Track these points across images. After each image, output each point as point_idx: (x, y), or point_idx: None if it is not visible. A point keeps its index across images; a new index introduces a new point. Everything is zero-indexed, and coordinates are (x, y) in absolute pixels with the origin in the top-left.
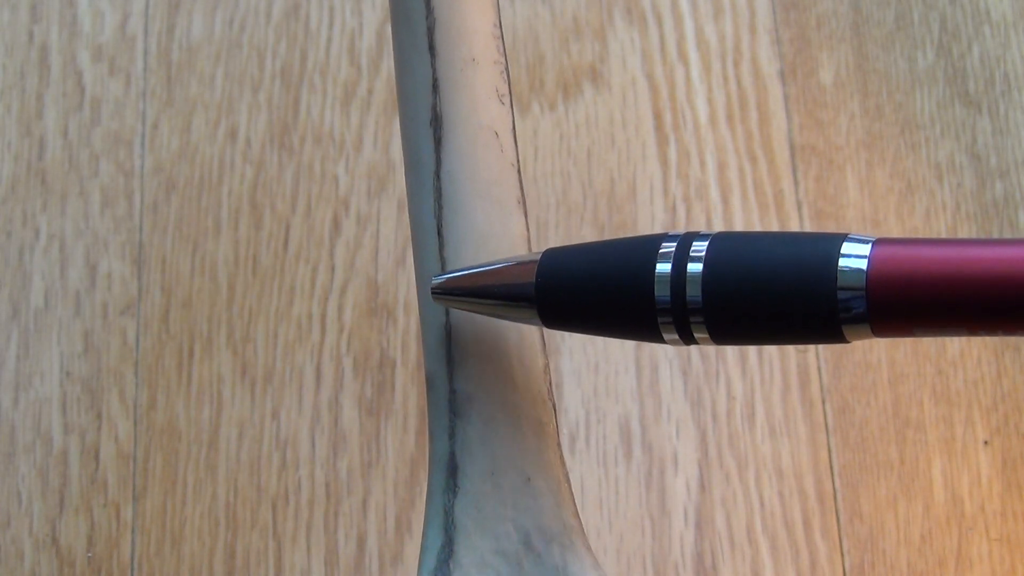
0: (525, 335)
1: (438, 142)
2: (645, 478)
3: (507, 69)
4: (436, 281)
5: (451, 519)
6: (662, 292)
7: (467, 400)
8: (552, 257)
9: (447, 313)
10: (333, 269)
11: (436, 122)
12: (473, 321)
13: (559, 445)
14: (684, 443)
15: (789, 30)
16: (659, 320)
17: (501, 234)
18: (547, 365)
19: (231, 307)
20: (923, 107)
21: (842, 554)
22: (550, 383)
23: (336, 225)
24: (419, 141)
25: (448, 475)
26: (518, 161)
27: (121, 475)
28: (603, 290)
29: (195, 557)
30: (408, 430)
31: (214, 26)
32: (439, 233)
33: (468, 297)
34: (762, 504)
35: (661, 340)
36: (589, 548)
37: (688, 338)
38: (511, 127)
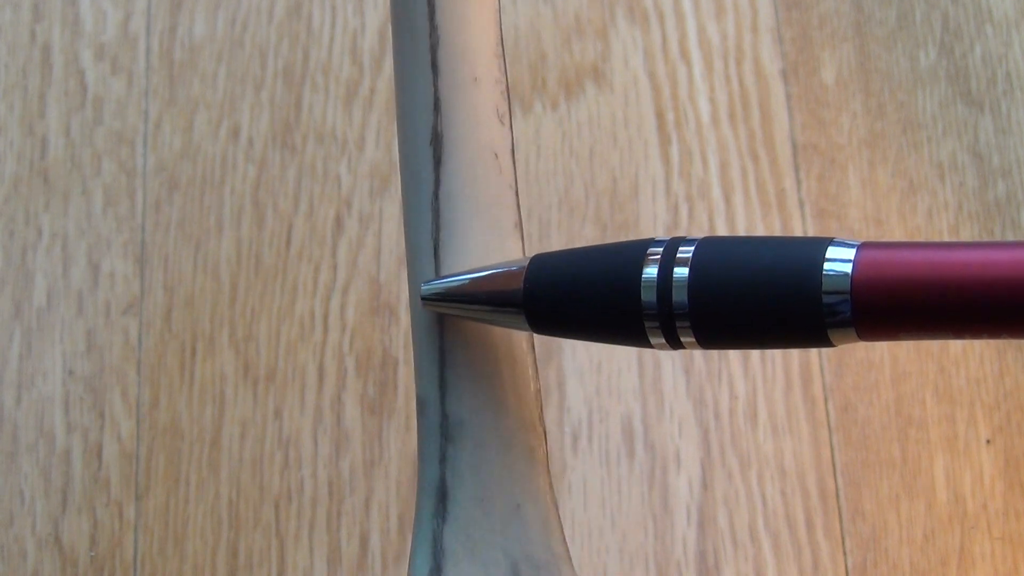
0: (518, 360)
1: (438, 162)
2: (648, 477)
3: (508, 88)
4: (427, 288)
5: (440, 545)
6: (648, 296)
7: (459, 425)
8: (540, 263)
9: (441, 336)
10: (335, 268)
11: (436, 141)
12: (467, 345)
13: (548, 471)
14: (686, 442)
15: (791, 29)
16: (646, 324)
17: (498, 256)
18: (539, 391)
19: (233, 306)
20: (925, 106)
21: (844, 553)
22: (541, 409)
23: (339, 224)
24: (418, 160)
25: (438, 500)
26: (516, 183)
27: (124, 474)
28: (590, 295)
29: (198, 556)
30: (411, 429)
31: (216, 25)
32: (436, 254)
33: (458, 303)
34: (764, 503)
35: (648, 345)
36: None
37: (675, 342)
38: (510, 148)
